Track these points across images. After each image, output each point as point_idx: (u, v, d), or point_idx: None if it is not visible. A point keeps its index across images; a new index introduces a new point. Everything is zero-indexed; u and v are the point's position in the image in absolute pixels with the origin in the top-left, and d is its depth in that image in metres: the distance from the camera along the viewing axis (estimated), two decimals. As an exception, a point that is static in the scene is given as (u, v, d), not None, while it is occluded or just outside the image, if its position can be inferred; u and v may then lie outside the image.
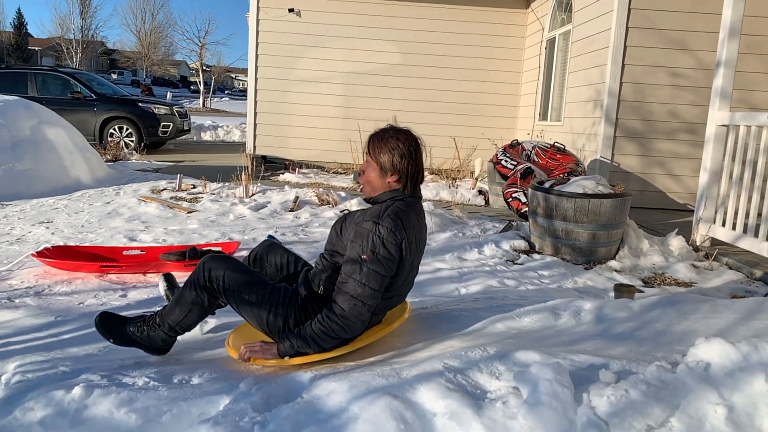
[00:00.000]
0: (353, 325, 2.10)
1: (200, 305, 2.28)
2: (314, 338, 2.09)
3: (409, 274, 2.27)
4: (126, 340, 2.34)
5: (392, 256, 2.09)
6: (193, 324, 2.36)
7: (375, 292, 2.08)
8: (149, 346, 2.35)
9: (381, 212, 2.11)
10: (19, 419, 1.90)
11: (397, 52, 9.52)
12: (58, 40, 48.96)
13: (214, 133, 16.37)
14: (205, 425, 1.74)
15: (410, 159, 2.17)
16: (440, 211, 5.55)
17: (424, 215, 2.34)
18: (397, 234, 2.08)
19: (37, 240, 4.71)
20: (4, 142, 6.68)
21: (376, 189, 2.22)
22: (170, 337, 2.37)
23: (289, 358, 2.13)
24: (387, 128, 2.25)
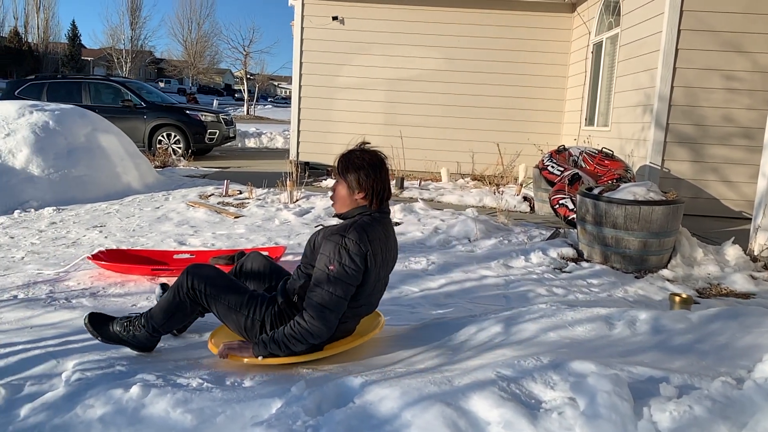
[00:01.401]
0: (320, 331, 2.22)
1: (183, 310, 2.44)
2: (285, 342, 2.23)
3: (377, 284, 2.39)
4: (112, 338, 2.49)
5: (357, 267, 2.23)
6: (175, 326, 2.53)
7: (341, 300, 2.23)
8: (134, 345, 2.49)
9: (348, 226, 2.27)
10: (80, 416, 1.96)
11: (440, 57, 9.50)
12: (109, 51, 50.74)
13: (258, 140, 16.64)
14: (259, 428, 1.76)
15: (375, 177, 2.32)
16: (484, 217, 5.49)
17: (393, 229, 2.48)
18: (362, 246, 2.22)
19: (92, 243, 4.86)
20: (61, 149, 6.94)
21: (345, 205, 2.38)
22: (154, 337, 2.49)
23: (261, 358, 2.26)
24: (354, 149, 2.42)
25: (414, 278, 4.00)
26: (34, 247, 4.76)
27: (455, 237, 4.98)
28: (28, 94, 11.05)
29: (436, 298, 3.61)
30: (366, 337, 2.51)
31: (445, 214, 5.69)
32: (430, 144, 9.51)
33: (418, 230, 5.16)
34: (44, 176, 6.57)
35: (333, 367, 2.32)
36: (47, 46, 55.55)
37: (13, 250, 4.63)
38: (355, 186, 2.33)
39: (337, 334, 2.39)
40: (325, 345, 2.39)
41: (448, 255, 4.50)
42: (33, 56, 51.89)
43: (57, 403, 2.08)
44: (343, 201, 2.38)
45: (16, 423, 2.02)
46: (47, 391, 2.24)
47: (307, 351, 2.29)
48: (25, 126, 6.92)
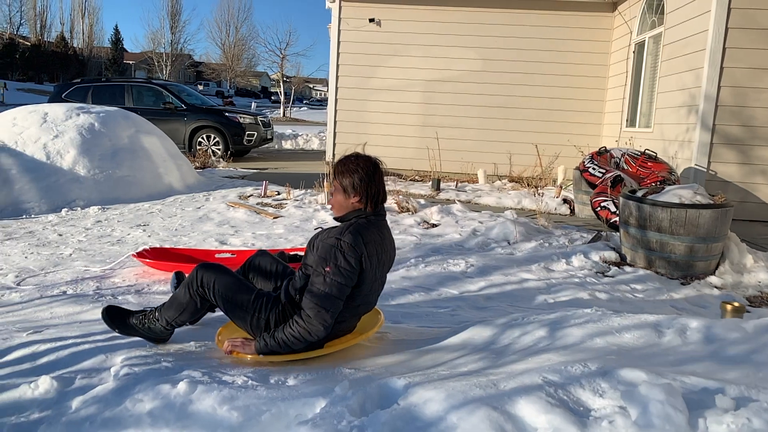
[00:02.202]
0: (317, 330, 2.30)
1: (193, 306, 2.54)
2: (284, 341, 2.31)
3: (373, 284, 2.47)
4: (129, 330, 2.61)
5: (353, 268, 2.30)
6: (187, 321, 2.61)
7: (337, 300, 2.30)
8: (149, 337, 2.61)
9: (343, 229, 2.34)
10: (130, 410, 2.00)
11: (477, 58, 9.44)
12: (150, 54, 52.03)
13: (294, 141, 16.80)
14: (304, 427, 1.76)
15: (369, 181, 2.40)
16: (524, 219, 5.43)
17: (389, 231, 2.55)
18: (357, 248, 2.30)
19: (136, 242, 4.98)
20: (106, 150, 7.13)
21: (342, 209, 2.46)
22: (167, 330, 2.61)
23: (263, 355, 2.35)
24: (350, 155, 2.50)
25: (453, 280, 3.97)
26: (81, 244, 4.90)
27: (494, 239, 4.93)
28: (75, 97, 11.40)
29: (476, 301, 3.58)
30: (365, 335, 2.58)
31: (483, 216, 5.64)
32: (467, 145, 9.45)
33: (456, 232, 5.13)
34: (90, 176, 6.76)
35: (375, 367, 2.32)
36: (91, 50, 57.33)
37: (61, 247, 4.77)
38: (350, 190, 2.41)
39: (338, 332, 2.48)
40: (326, 342, 2.46)
41: (487, 257, 4.46)
42: (78, 60, 53.61)
43: (107, 396, 2.13)
44: (340, 205, 2.46)
45: (68, 415, 2.08)
46: (97, 384, 2.30)
47: (307, 349, 2.37)
48: (72, 128, 7.14)
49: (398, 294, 3.69)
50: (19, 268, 4.19)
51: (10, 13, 60.03)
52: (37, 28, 55.54)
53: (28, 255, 4.55)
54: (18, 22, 55.69)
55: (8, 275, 4.04)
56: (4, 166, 6.48)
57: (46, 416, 2.11)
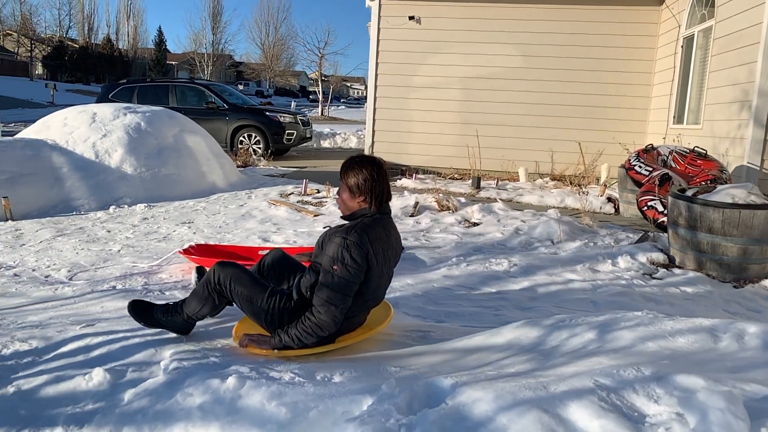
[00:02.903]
0: (327, 325, 2.40)
1: (211, 302, 2.66)
2: (297, 336, 2.41)
3: (380, 279, 2.57)
4: (154, 323, 2.74)
5: (359, 266, 2.40)
6: (207, 315, 2.73)
7: (345, 297, 2.40)
8: (172, 329, 2.74)
9: (349, 228, 2.44)
10: (181, 403, 2.04)
11: (518, 55, 9.31)
12: (191, 55, 53.12)
13: (332, 140, 16.91)
14: (352, 424, 1.76)
15: (374, 182, 2.50)
16: (568, 218, 5.33)
17: (394, 228, 2.66)
18: (363, 247, 2.39)
19: (181, 238, 5.09)
20: (152, 149, 7.31)
21: (349, 208, 2.56)
22: (189, 323, 2.74)
23: (277, 350, 2.45)
24: (355, 157, 2.60)
25: (495, 280, 3.93)
26: (128, 241, 5.03)
27: (537, 238, 4.86)
28: (121, 97, 11.72)
29: (519, 301, 3.53)
30: (375, 330, 2.67)
31: (525, 215, 5.56)
32: (508, 143, 9.33)
33: (498, 231, 5.07)
34: (136, 174, 6.93)
35: (421, 366, 2.31)
36: (136, 51, 58.89)
37: (110, 244, 4.91)
38: (355, 190, 2.51)
39: (348, 326, 2.58)
40: (337, 337, 2.56)
41: (530, 257, 4.40)
42: (123, 62, 55.15)
43: (158, 390, 2.17)
44: (346, 204, 2.56)
45: (121, 406, 2.13)
46: (147, 378, 2.35)
47: (319, 343, 2.46)
48: (119, 127, 7.34)
49: (440, 293, 3.67)
50: (71, 264, 4.33)
51: (59, 17, 62.16)
52: (85, 30, 57.42)
53: (79, 251, 4.70)
54: (67, 25, 57.72)
55: (61, 270, 4.17)
56: (56, 165, 6.71)
57: (100, 407, 2.17)
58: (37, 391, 2.31)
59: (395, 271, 4.06)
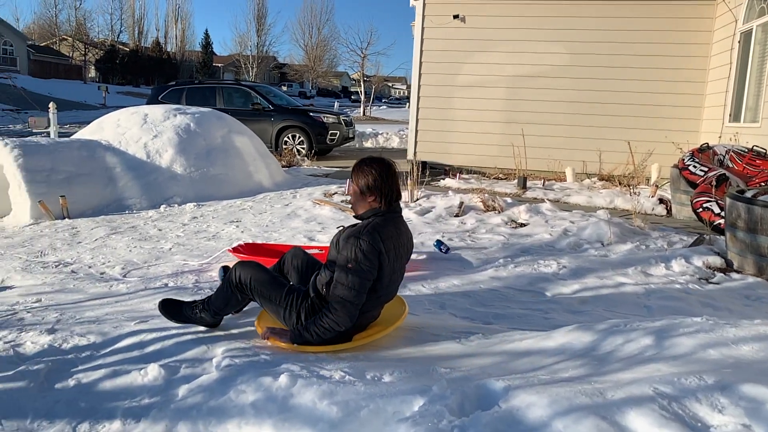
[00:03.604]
0: (343, 321, 2.49)
1: (235, 299, 2.81)
2: (315, 331, 2.51)
3: (392, 275, 2.65)
4: (183, 320, 2.89)
5: (372, 264, 2.49)
6: (231, 311, 2.91)
7: (359, 293, 2.49)
8: (202, 324, 2.88)
9: (362, 228, 2.54)
10: (234, 400, 2.07)
11: (566, 52, 9.13)
12: (237, 57, 54.12)
13: (374, 140, 16.95)
14: (404, 424, 1.75)
15: (383, 182, 2.60)
16: (618, 220, 5.19)
17: (405, 225, 2.75)
18: (375, 246, 2.48)
19: (230, 237, 5.18)
20: (201, 149, 7.47)
21: (360, 208, 2.67)
22: (216, 319, 2.88)
23: (297, 345, 2.55)
24: (365, 159, 2.70)
25: (544, 282, 3.86)
26: (179, 239, 5.15)
27: (587, 240, 4.75)
28: (170, 98, 12.03)
29: (569, 304, 3.46)
30: (390, 328, 2.74)
31: (574, 216, 5.45)
32: (554, 142, 9.17)
33: (546, 232, 4.98)
34: (186, 174, 7.10)
35: (471, 368, 2.28)
36: (183, 54, 60.40)
37: (161, 242, 5.04)
38: (366, 191, 2.61)
39: (363, 321, 2.68)
40: (354, 334, 2.65)
41: (579, 259, 4.30)
42: (171, 64, 56.63)
43: (211, 386, 2.21)
44: (358, 204, 2.68)
45: (176, 402, 2.18)
46: (200, 374, 2.40)
47: (336, 339, 2.56)
48: (170, 128, 7.53)
49: (487, 294, 3.62)
50: (125, 261, 4.46)
51: (111, 22, 64.35)
52: (135, 34, 59.24)
53: (132, 249, 4.84)
54: (118, 29, 59.69)
55: (115, 267, 4.31)
56: (110, 165, 6.93)
57: (156, 402, 2.23)
58: (95, 385, 2.38)
59: (440, 271, 4.05)
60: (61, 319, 3.08)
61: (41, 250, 4.82)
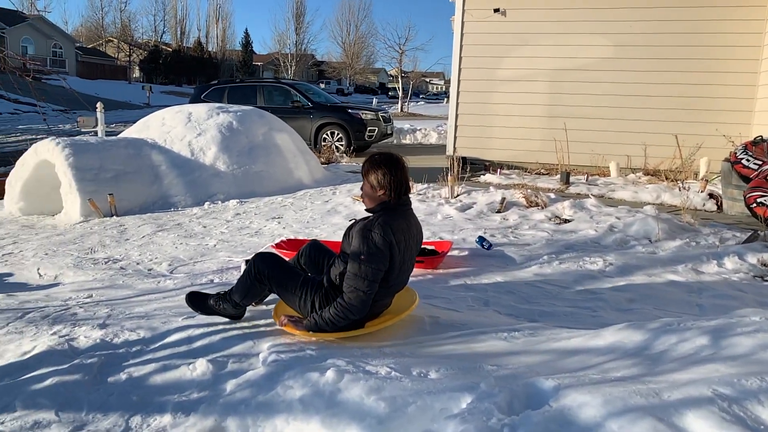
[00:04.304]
0: (357, 309, 2.60)
1: (255, 289, 2.90)
2: (330, 319, 2.62)
3: (402, 265, 2.74)
4: (208, 311, 3.01)
5: (383, 254, 2.59)
6: (252, 301, 3.01)
7: (372, 282, 2.59)
8: (225, 315, 2.98)
9: (374, 220, 2.65)
10: (281, 395, 2.09)
11: (609, 44, 8.90)
12: (276, 55, 54.85)
13: (413, 136, 16.90)
14: (453, 421, 1.74)
15: (392, 176, 2.70)
16: (666, 216, 5.04)
17: (414, 217, 2.87)
18: (386, 237, 2.58)
19: (272, 233, 5.24)
20: (243, 147, 7.58)
21: (371, 201, 2.77)
22: (238, 310, 2.97)
23: (312, 332, 2.66)
24: (375, 154, 2.80)
25: (590, 279, 3.78)
26: (223, 236, 5.24)
27: (633, 236, 4.62)
28: (212, 97, 12.24)
29: (617, 302, 3.37)
30: (401, 315, 2.84)
31: (620, 212, 5.32)
32: (597, 137, 8.96)
33: (591, 228, 4.87)
34: (229, 171, 7.22)
35: (518, 365, 2.25)
36: (224, 53, 61.44)
37: (206, 239, 5.13)
38: (375, 185, 2.71)
39: (375, 309, 2.78)
40: (367, 322, 2.75)
41: (626, 256, 4.19)
42: (212, 63, 57.66)
43: (259, 381, 2.24)
44: (369, 197, 2.78)
45: (225, 397, 2.21)
46: (247, 369, 2.43)
47: (349, 327, 2.66)
48: (213, 126, 7.66)
49: (532, 291, 3.57)
50: (171, 258, 4.56)
51: (155, 23, 66.03)
52: (178, 34, 60.58)
53: (178, 245, 4.95)
54: (161, 30, 61.13)
55: (162, 264, 4.41)
56: (155, 163, 7.10)
57: (205, 396, 2.26)
58: (146, 379, 2.43)
59: (483, 268, 4.01)
60: (111, 314, 3.16)
61: (91, 247, 4.97)
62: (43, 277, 4.23)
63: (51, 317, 3.13)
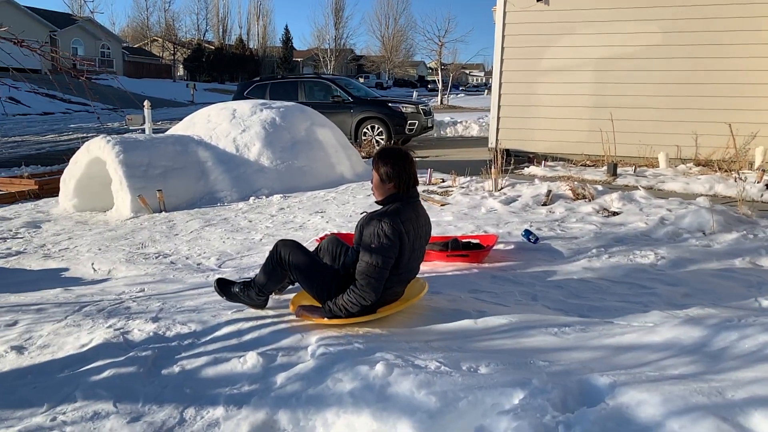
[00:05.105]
0: (369, 296, 2.73)
1: (275, 275, 3.04)
2: (344, 306, 2.75)
3: (412, 254, 2.87)
4: (233, 298, 3.16)
5: (393, 243, 2.71)
6: (274, 288, 3.13)
7: (383, 270, 2.72)
8: (248, 303, 3.12)
9: (383, 212, 2.79)
10: (331, 388, 2.10)
11: (657, 31, 8.62)
12: (315, 51, 55.15)
13: (453, 128, 16.76)
14: (506, 417, 1.72)
15: (401, 169, 2.83)
16: (721, 207, 4.86)
17: (423, 208, 2.98)
18: (395, 226, 2.71)
19: (315, 227, 5.28)
20: (286, 143, 7.66)
21: (381, 194, 2.90)
22: (260, 297, 3.10)
23: (327, 319, 2.80)
24: (384, 148, 2.96)
25: (641, 273, 3.67)
26: (268, 230, 5.31)
27: (686, 229, 4.47)
28: (255, 94, 12.40)
29: (670, 297, 3.27)
30: (411, 301, 2.99)
31: (671, 204, 5.15)
32: (645, 126, 8.70)
33: (641, 221, 4.74)
34: (272, 167, 7.30)
35: (570, 362, 2.20)
36: (265, 50, 62.23)
37: (252, 233, 5.21)
38: (385, 178, 2.84)
39: (387, 297, 2.89)
40: (378, 308, 2.87)
41: (679, 249, 4.06)
42: (254, 60, 58.47)
43: (309, 374, 2.26)
44: (379, 191, 2.90)
45: (275, 390, 2.24)
46: (296, 362, 2.45)
47: (362, 313, 2.78)
48: (257, 122, 7.76)
49: (581, 286, 3.49)
50: (219, 252, 4.65)
51: (197, 22, 67.30)
52: (219, 32, 61.66)
53: (225, 240, 5.04)
54: (204, 28, 62.30)
55: (210, 258, 4.50)
56: (202, 159, 7.24)
57: (256, 389, 2.29)
58: (198, 372, 2.48)
59: (530, 262, 3.96)
60: (163, 307, 3.24)
61: (142, 242, 5.11)
62: (97, 271, 4.37)
63: (106, 311, 3.22)
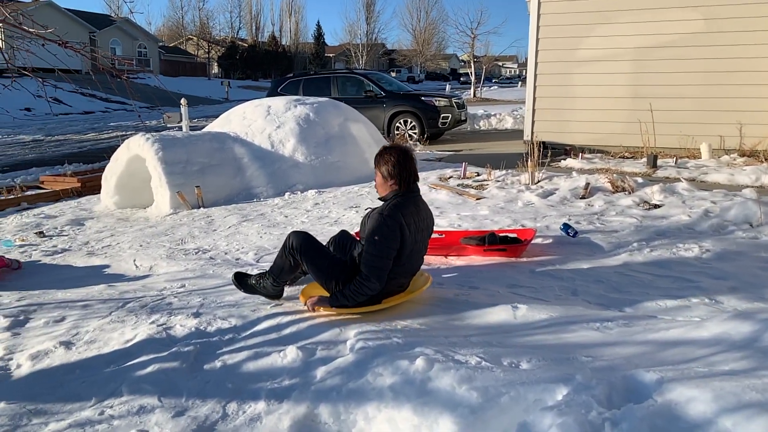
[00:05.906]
0: (373, 285, 2.89)
1: (289, 264, 3.19)
2: (350, 295, 2.91)
3: (414, 246, 3.01)
4: (250, 290, 3.30)
5: (395, 235, 2.88)
6: (287, 278, 3.29)
7: (386, 261, 2.89)
8: (264, 293, 3.27)
9: (386, 207, 2.96)
10: (371, 383, 2.10)
11: (699, 18, 8.35)
12: (347, 46, 55.37)
13: (487, 121, 16.59)
14: (550, 413, 1.69)
15: (401, 167, 3.00)
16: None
17: (424, 203, 3.16)
18: (396, 219, 2.88)
19: (350, 222, 5.30)
20: (320, 138, 7.70)
21: (383, 191, 3.08)
22: (275, 287, 3.26)
23: (335, 309, 2.93)
24: (385, 146, 3.15)
25: (685, 266, 3.58)
26: (304, 225, 5.34)
27: (732, 221, 4.34)
28: (288, 90, 12.49)
29: (717, 291, 3.17)
30: (415, 293, 3.11)
31: (715, 196, 5.00)
32: (686, 117, 8.45)
33: (684, 213, 4.62)
34: (307, 162, 7.35)
35: (614, 357, 2.16)
36: (297, 46, 62.67)
37: (288, 228, 5.25)
38: (386, 175, 3.02)
39: (392, 288, 3.03)
40: (383, 299, 3.01)
41: (725, 242, 3.94)
42: (286, 57, 58.92)
43: (348, 368, 2.27)
44: (382, 187, 3.08)
45: (316, 384, 2.25)
46: (335, 356, 2.46)
47: (368, 303, 2.93)
48: (291, 119, 7.82)
49: (622, 280, 3.42)
50: (257, 247, 4.71)
51: (231, 20, 68.30)
52: (252, 30, 62.35)
53: (263, 235, 5.09)
54: (237, 26, 63.10)
55: (248, 253, 4.55)
56: (238, 155, 7.33)
57: (296, 383, 2.31)
58: (239, 366, 2.51)
59: (569, 256, 3.90)
60: (204, 303, 3.29)
61: (182, 238, 5.20)
62: (139, 268, 4.46)
63: (148, 307, 3.29)
